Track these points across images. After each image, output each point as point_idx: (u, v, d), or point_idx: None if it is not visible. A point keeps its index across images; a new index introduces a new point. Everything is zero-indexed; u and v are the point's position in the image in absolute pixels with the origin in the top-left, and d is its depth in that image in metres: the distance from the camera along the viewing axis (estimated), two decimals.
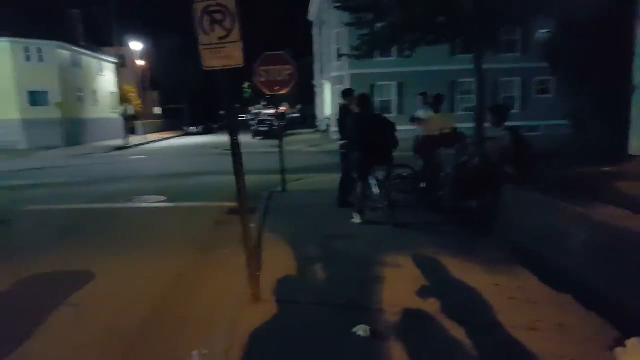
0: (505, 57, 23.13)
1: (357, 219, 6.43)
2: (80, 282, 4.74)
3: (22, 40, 26.02)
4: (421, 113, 7.80)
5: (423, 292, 3.97)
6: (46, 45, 27.03)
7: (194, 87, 49.80)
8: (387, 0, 9.87)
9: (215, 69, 3.60)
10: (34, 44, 26.53)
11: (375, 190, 6.30)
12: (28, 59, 26.49)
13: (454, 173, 6.90)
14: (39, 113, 26.56)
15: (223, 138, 30.91)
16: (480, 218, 5.99)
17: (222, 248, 5.72)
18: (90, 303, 4.27)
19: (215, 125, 48.02)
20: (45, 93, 26.97)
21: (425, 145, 7.68)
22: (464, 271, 4.42)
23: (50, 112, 26.66)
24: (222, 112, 46.09)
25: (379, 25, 10.51)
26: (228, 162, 3.86)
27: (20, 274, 5.03)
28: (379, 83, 25.45)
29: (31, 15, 28.50)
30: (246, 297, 3.91)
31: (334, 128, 25.39)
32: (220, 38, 3.55)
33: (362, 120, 6.29)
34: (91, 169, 16.44)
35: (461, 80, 23.92)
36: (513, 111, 18.18)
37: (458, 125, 8.26)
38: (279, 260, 4.99)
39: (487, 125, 7.21)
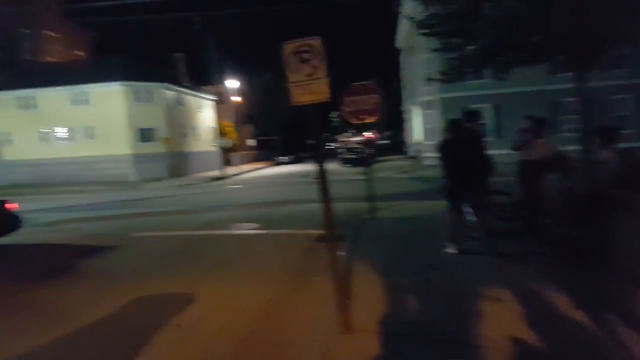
0: (615, 73, 21.23)
1: (451, 249, 6.15)
2: (183, 304, 5.02)
3: (134, 83, 29.09)
4: (523, 138, 7.33)
5: (527, 329, 3.65)
6: (154, 86, 29.98)
7: (285, 119, 52.04)
8: (476, 24, 9.58)
9: (303, 104, 3.81)
10: (143, 86, 29.54)
11: (471, 218, 6.00)
12: (138, 99, 29.50)
13: (560, 199, 6.36)
14: (147, 148, 29.30)
15: (311, 167, 32.17)
16: (591, 248, 5.42)
17: (312, 275, 5.76)
18: (191, 325, 4.47)
19: (304, 155, 49.44)
20: (152, 130, 29.76)
21: (529, 170, 7.19)
22: (573, 306, 4.01)
23: (156, 147, 29.34)
24: (310, 142, 47.19)
25: (468, 48, 10.21)
26: (317, 190, 3.91)
27: (130, 295, 5.46)
28: (473, 106, 24.62)
29: (141, 60, 32.00)
30: (336, 326, 3.88)
31: (427, 154, 24.92)
32: (308, 75, 3.79)
33: (448, 143, 6.09)
34: (192, 198, 17.59)
35: (564, 100, 22.31)
36: (625, 131, 16.51)
37: (562, 148, 7.65)
38: (369, 289, 4.91)
39: (594, 147, 6.58)
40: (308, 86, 3.78)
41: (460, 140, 6.11)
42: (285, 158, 46.01)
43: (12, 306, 5.39)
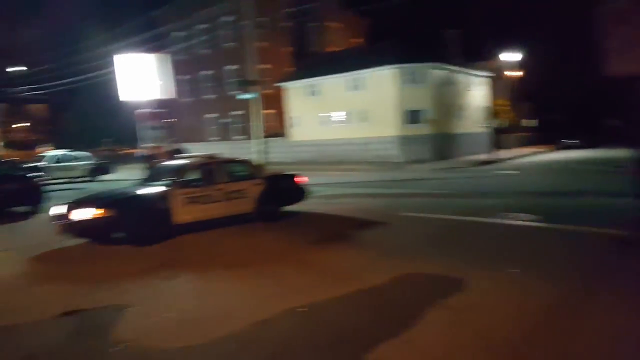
0: None
1: None
2: (453, 287, 4.96)
3: (404, 65, 30.17)
4: None
5: None
6: (424, 67, 30.48)
7: (575, 95, 45.02)
8: None
9: (621, 74, 3.15)
10: (413, 67, 30.40)
11: None
12: (408, 81, 30.60)
13: None
14: (414, 130, 30.32)
15: (607, 153, 26.93)
16: None
17: (611, 283, 4.98)
18: (463, 309, 4.39)
19: (597, 138, 41.22)
20: (420, 111, 30.56)
21: None
22: None
23: (423, 129, 30.06)
24: (612, 122, 39.39)
25: None
26: (618, 181, 3.24)
27: (401, 269, 5.75)
28: None
29: (412, 42, 32.69)
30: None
31: None
32: (630, 39, 3.08)
33: None
34: (456, 182, 17.29)
35: None
36: None
37: None
38: None
39: None
40: (633, 52, 3.08)
41: None
42: (574, 141, 39.85)
43: (298, 262, 6.43)
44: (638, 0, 2.96)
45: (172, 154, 13.45)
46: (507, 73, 37.22)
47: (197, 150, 20.59)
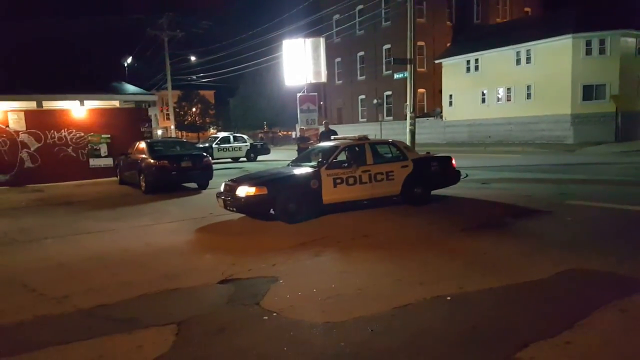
0: None
1: None
2: (629, 289, 4.33)
3: (586, 34, 26.44)
4: None
5: None
6: (609, 35, 26.28)
7: None
8: None
9: None
10: (596, 35, 26.43)
11: None
12: (588, 52, 26.71)
13: None
14: (591, 107, 26.50)
15: None
16: None
17: None
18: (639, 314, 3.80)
19: None
20: (601, 86, 26.52)
21: None
22: None
23: (603, 106, 26.08)
24: None
25: None
26: None
27: (565, 264, 5.10)
28: None
29: (597, 7, 28.30)
30: None
31: None
32: None
33: None
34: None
35: None
36: None
37: None
38: None
39: None
40: None
41: None
42: None
43: (447, 249, 6.12)
44: None
45: (324, 136, 13.93)
46: None
47: (348, 131, 21.06)
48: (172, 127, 36.08)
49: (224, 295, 4.69)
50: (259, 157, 26.23)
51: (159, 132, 42.22)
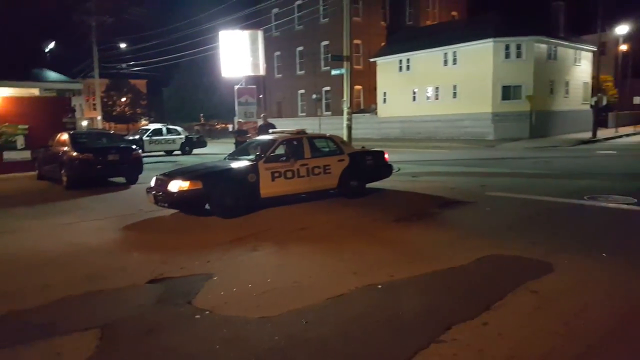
0: None
1: None
2: (539, 271, 4.77)
3: (505, 39, 28.27)
4: None
5: None
6: (525, 40, 28.32)
7: None
8: None
9: None
10: (513, 40, 28.35)
11: None
12: (507, 55, 28.62)
13: None
14: (509, 106, 28.46)
15: None
16: None
17: None
18: (549, 295, 4.20)
19: None
20: (517, 87, 28.53)
21: None
22: None
23: (519, 106, 28.08)
24: None
25: None
26: None
27: (484, 251, 5.53)
28: None
29: (514, 14, 30.50)
30: None
31: None
32: None
33: None
34: (553, 162, 16.19)
35: None
36: None
37: None
38: None
39: None
40: None
41: None
42: None
43: (379, 239, 6.40)
44: None
45: (262, 129, 13.88)
46: (616, 48, 33.51)
47: (286, 125, 21.08)
48: (99, 117, 34.09)
49: (153, 296, 4.54)
50: (195, 151, 25.45)
51: (84, 123, 39.67)
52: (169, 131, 25.47)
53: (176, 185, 7.70)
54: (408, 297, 4.32)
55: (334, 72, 20.69)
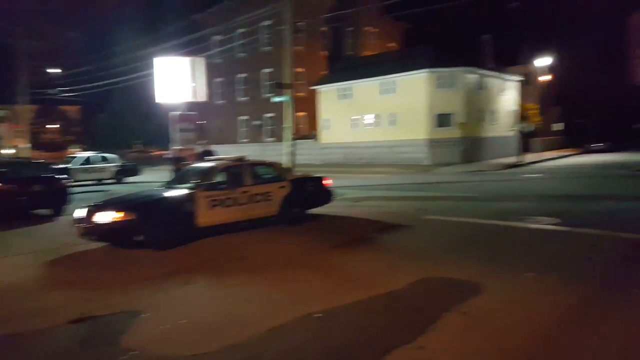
0: None
1: None
2: (471, 292, 4.92)
3: (438, 70, 29.86)
4: None
5: None
6: (457, 71, 30.03)
7: (604, 100, 44.13)
8: None
9: None
10: (446, 71, 30.02)
11: None
12: (440, 85, 30.20)
13: None
14: (443, 133, 29.87)
15: (634, 157, 26.53)
16: None
17: (628, 289, 4.92)
18: (479, 315, 4.33)
19: (625, 142, 40.91)
20: (450, 115, 30.07)
21: None
22: None
23: (452, 132, 29.57)
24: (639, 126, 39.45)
25: None
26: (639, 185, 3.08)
27: (420, 274, 5.66)
28: None
29: (447, 46, 32.40)
30: None
31: None
32: None
33: None
34: (483, 185, 17.00)
35: None
36: None
37: None
38: None
39: None
40: None
41: None
42: (600, 145, 39.32)
43: (319, 267, 6.37)
44: None
45: (201, 156, 13.56)
46: (539, 78, 36.54)
47: (228, 152, 20.78)
48: (26, 145, 31.90)
49: (76, 337, 4.21)
50: (130, 179, 24.41)
51: (8, 151, 37.04)
52: (102, 159, 24.30)
53: (108, 216, 7.28)
54: (347, 324, 4.29)
55: (274, 100, 20.83)
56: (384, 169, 27.41)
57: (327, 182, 10.37)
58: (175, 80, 19.30)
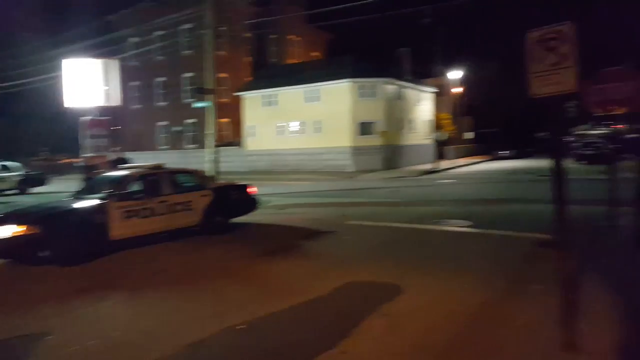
0: None
1: None
2: (391, 294, 5.10)
3: (360, 80, 30.87)
4: None
5: None
6: (377, 82, 31.24)
7: (509, 110, 48.28)
8: None
9: (544, 96, 3.56)
10: (367, 82, 31.11)
11: None
12: (362, 95, 31.22)
13: None
14: (366, 141, 30.86)
15: (537, 162, 29.31)
16: None
17: (532, 284, 5.29)
18: (399, 316, 4.50)
19: (529, 149, 45.10)
20: (372, 124, 31.15)
21: None
22: None
23: (374, 140, 30.63)
24: (540, 135, 43.45)
25: None
26: (541, 188, 3.50)
27: (343, 279, 5.75)
28: None
29: (368, 57, 33.58)
30: (557, 343, 3.55)
31: None
32: (553, 65, 3.53)
33: None
34: (403, 191, 17.71)
35: None
36: None
37: None
38: (600, 308, 4.27)
39: None
40: (552, 76, 3.53)
41: None
42: (506, 152, 42.97)
43: (242, 277, 6.26)
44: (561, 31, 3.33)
45: (114, 164, 12.79)
46: (452, 89, 39.11)
47: (146, 159, 19.79)
48: None
49: None
50: (35, 189, 22.43)
51: None
52: (3, 167, 22.11)
53: (8, 230, 6.63)
54: (270, 334, 4.25)
55: (196, 105, 20.22)
56: (309, 175, 27.68)
57: (252, 189, 10.25)
58: (86, 83, 18.06)
